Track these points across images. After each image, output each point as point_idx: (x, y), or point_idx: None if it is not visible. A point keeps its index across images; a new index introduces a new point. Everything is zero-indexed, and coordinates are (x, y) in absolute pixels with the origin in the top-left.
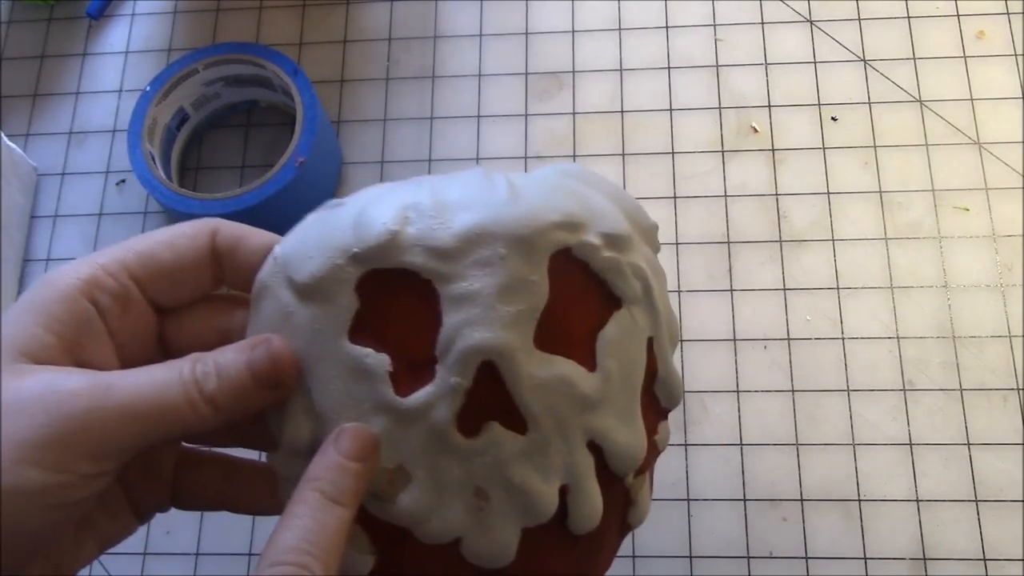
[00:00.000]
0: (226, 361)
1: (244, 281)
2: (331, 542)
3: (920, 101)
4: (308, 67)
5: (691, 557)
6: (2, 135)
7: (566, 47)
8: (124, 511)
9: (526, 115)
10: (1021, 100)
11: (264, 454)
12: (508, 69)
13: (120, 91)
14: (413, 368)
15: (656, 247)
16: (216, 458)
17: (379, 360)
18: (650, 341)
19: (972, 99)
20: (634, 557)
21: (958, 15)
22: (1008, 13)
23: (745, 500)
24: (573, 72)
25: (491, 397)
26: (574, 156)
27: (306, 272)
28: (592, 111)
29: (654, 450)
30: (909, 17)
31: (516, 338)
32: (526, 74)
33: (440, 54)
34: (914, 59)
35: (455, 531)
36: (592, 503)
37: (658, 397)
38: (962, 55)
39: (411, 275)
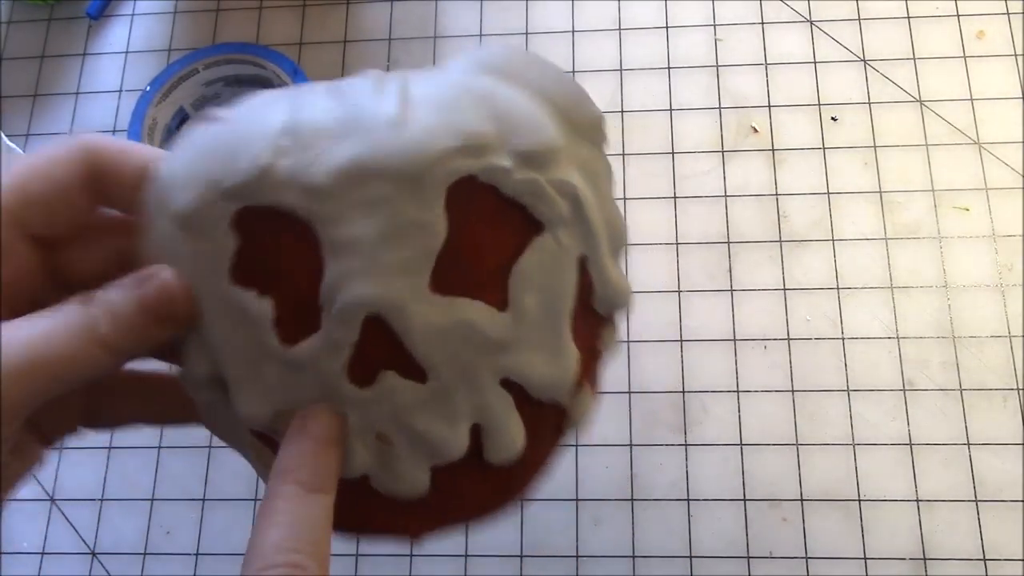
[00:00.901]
0: (116, 301)
1: (127, 202)
2: (320, 534)
3: (920, 101)
4: (308, 67)
5: (691, 557)
6: (2, 135)
7: (566, 47)
8: (31, 447)
9: None
10: (1021, 100)
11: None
12: None
13: (120, 91)
14: (298, 314)
15: (601, 140)
16: (127, 376)
17: (262, 307)
18: (582, 260)
19: (972, 99)
20: (634, 557)
21: (958, 15)
22: (1008, 13)
23: (745, 500)
24: (573, 72)
25: (385, 346)
26: None
27: (181, 204)
28: None
29: (595, 358)
30: (909, 17)
31: (405, 287)
32: None
33: (440, 54)
34: (914, 59)
35: (360, 470)
36: (508, 438)
37: (597, 310)
38: (962, 55)
39: (287, 215)
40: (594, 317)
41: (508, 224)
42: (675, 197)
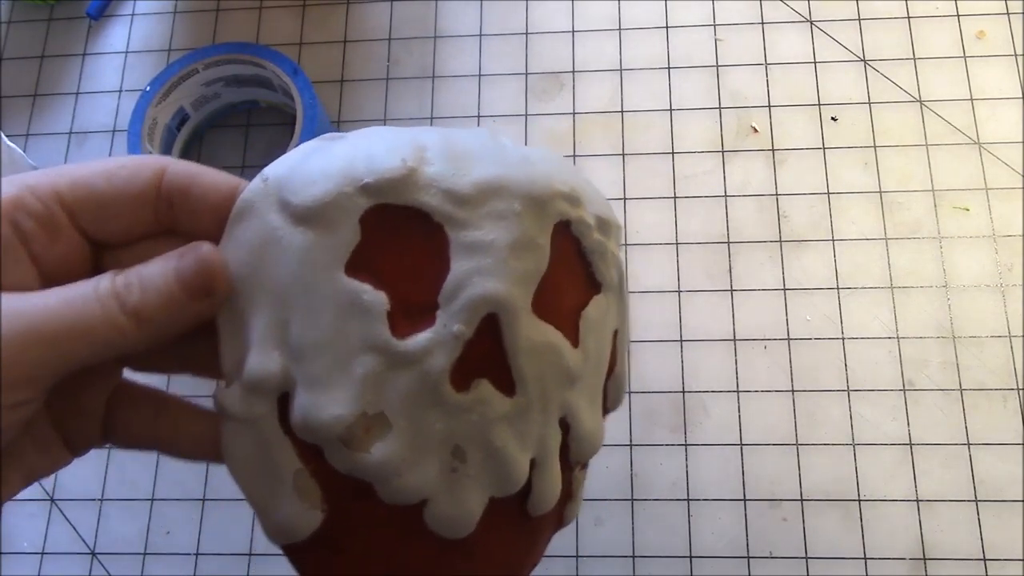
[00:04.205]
0: (151, 271)
1: (198, 221)
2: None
3: (920, 101)
4: (308, 67)
5: (691, 557)
6: (2, 135)
7: (566, 47)
8: (55, 445)
9: (526, 115)
10: (1021, 100)
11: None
12: (508, 69)
13: (120, 91)
14: (410, 312)
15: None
16: (149, 393)
17: (377, 298)
18: (615, 334)
19: (972, 99)
20: (634, 557)
21: (958, 15)
22: (1008, 13)
23: (745, 500)
24: (573, 72)
25: (486, 353)
26: (574, 156)
27: (308, 195)
28: (592, 111)
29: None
30: (909, 17)
31: (521, 296)
32: (526, 74)
33: (440, 54)
34: (914, 59)
35: (425, 491)
36: (555, 483)
37: (608, 394)
38: (962, 55)
39: (422, 216)
40: (604, 401)
41: (581, 275)
42: (675, 197)
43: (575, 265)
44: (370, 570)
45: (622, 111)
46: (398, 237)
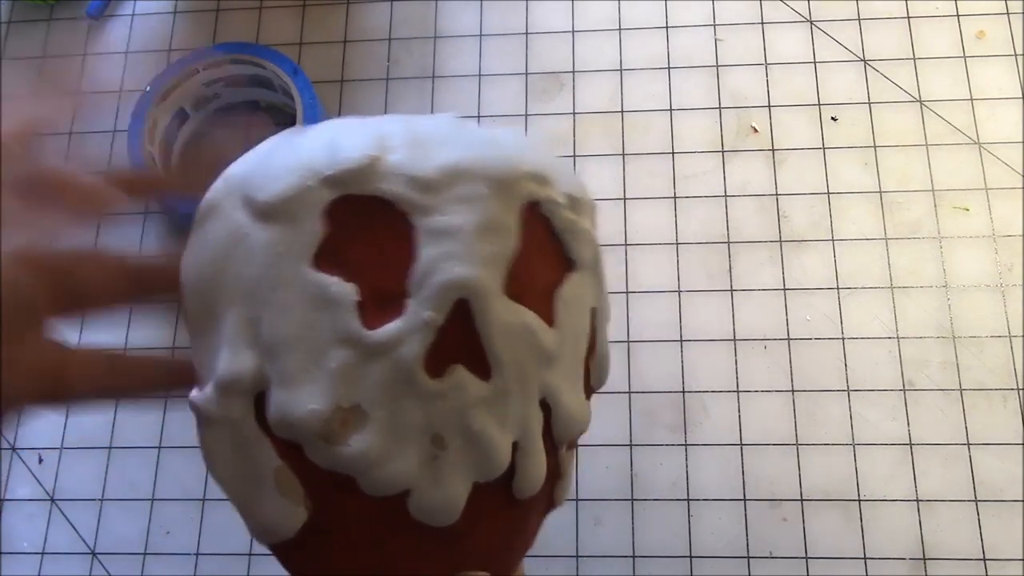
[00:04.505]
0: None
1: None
2: None
3: (920, 101)
4: (308, 67)
5: (691, 557)
6: None
7: (566, 47)
8: None
9: (526, 115)
10: (1021, 100)
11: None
12: (508, 69)
13: (120, 91)
14: (380, 301)
15: (595, 225)
16: (100, 352)
17: (346, 289)
18: (593, 311)
19: (972, 99)
20: (634, 557)
21: (958, 15)
22: (1008, 13)
23: (745, 500)
24: (573, 72)
25: (459, 338)
26: (574, 156)
27: (271, 191)
28: (592, 111)
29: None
30: (909, 17)
31: (490, 279)
32: (526, 74)
33: (440, 54)
34: (914, 59)
35: (406, 481)
36: (540, 464)
37: (590, 373)
38: (962, 55)
39: (385, 204)
40: (587, 380)
41: (554, 254)
42: (675, 197)
43: (547, 245)
44: (359, 565)
45: (622, 111)
46: (364, 227)
